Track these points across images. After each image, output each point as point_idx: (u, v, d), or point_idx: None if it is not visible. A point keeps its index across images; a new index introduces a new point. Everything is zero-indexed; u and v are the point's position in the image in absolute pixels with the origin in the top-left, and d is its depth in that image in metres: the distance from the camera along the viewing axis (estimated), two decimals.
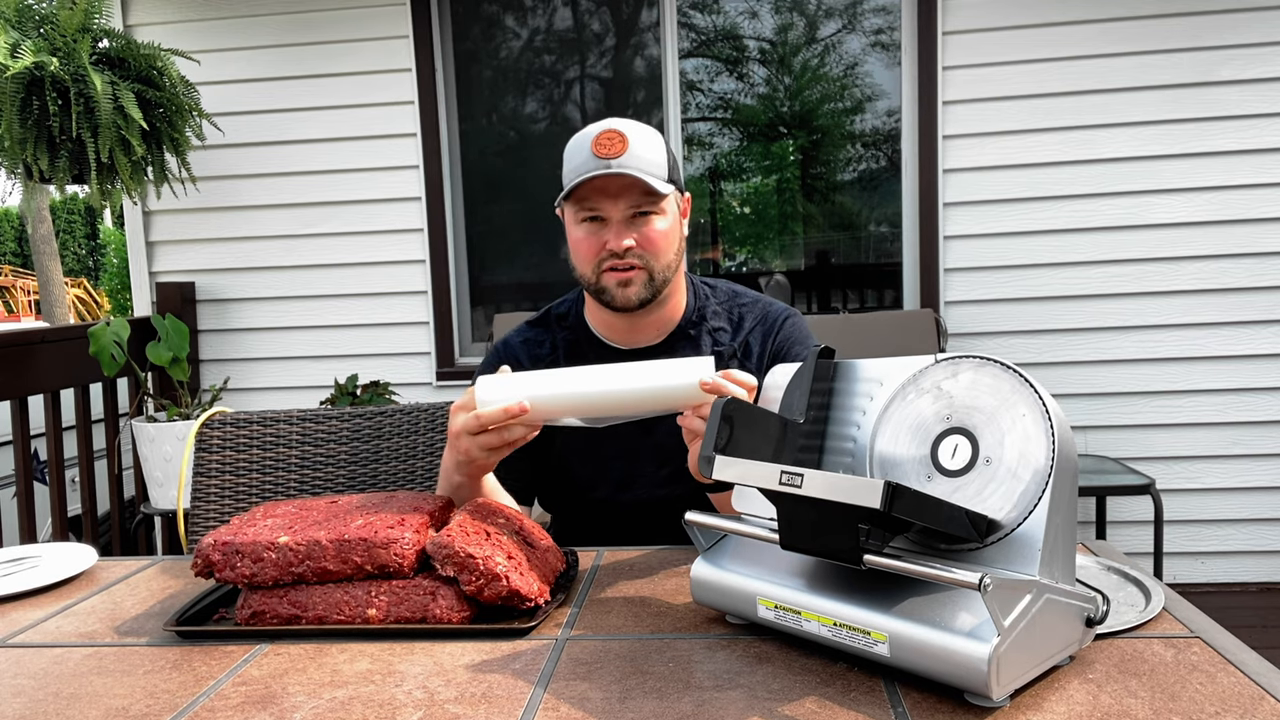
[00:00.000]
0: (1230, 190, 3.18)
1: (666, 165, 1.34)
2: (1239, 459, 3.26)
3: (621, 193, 1.31)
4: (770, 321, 1.46)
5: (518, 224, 3.64)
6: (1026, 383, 0.87)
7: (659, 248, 1.35)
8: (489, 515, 1.11)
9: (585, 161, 1.31)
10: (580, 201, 1.33)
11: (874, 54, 3.45)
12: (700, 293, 1.49)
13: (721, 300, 1.49)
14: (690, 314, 1.46)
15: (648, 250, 1.34)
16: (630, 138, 1.31)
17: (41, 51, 2.69)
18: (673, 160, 1.37)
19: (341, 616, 1.03)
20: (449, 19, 3.52)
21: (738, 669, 0.90)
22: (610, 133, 1.31)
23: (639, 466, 1.45)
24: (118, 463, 3.20)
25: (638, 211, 1.33)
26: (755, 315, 1.47)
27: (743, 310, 1.48)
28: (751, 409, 0.96)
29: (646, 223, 1.34)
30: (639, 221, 1.34)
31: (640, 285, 1.35)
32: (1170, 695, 0.81)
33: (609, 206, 1.33)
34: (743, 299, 1.50)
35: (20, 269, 16.49)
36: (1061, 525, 0.85)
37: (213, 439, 1.73)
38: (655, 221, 1.34)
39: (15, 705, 0.89)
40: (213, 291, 3.57)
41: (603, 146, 1.30)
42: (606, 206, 1.33)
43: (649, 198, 1.32)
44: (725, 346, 1.45)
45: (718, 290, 1.51)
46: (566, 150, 1.36)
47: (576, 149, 1.34)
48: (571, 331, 1.48)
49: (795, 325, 1.47)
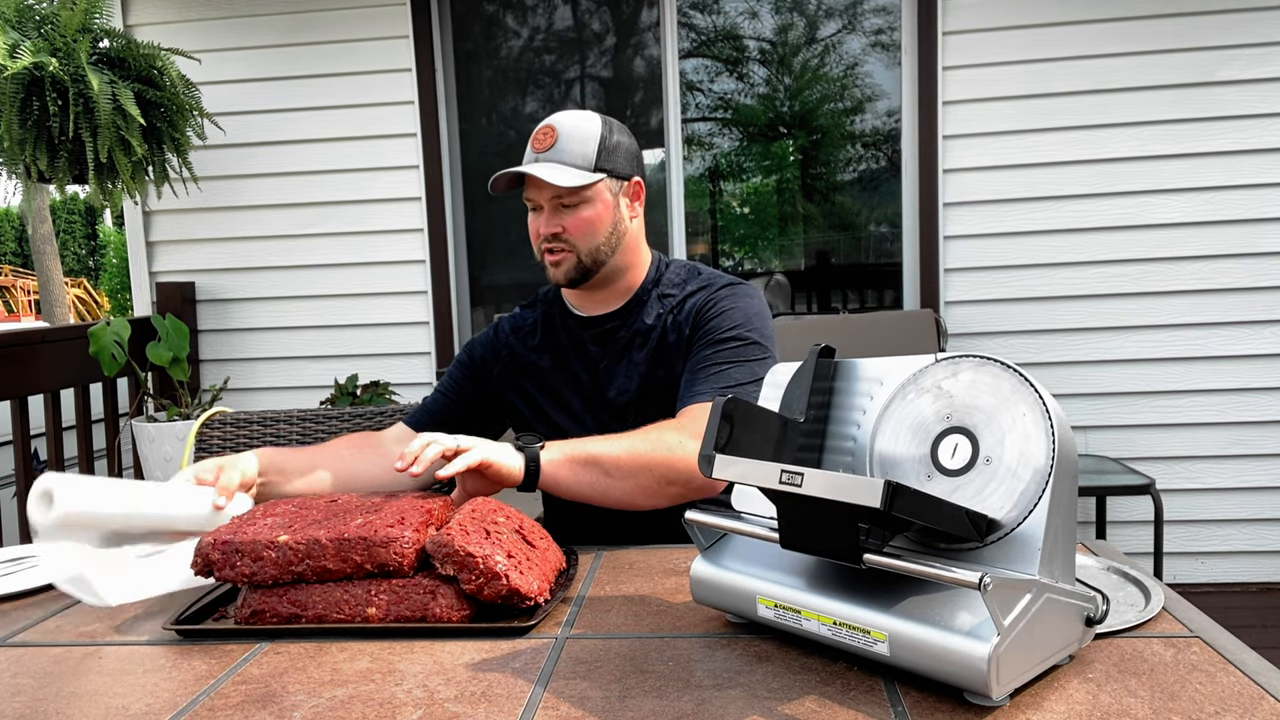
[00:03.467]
0: (1230, 190, 3.18)
1: (594, 155, 1.46)
2: (1239, 459, 3.25)
3: (545, 185, 1.44)
4: (712, 286, 1.53)
5: (518, 224, 3.64)
6: (1026, 382, 0.87)
7: (584, 233, 1.47)
8: (489, 514, 1.11)
9: (525, 154, 1.48)
10: (525, 191, 1.49)
11: (874, 54, 3.45)
12: (660, 265, 1.60)
13: (677, 271, 1.59)
14: (648, 283, 1.57)
15: (574, 236, 1.47)
16: (560, 130, 1.45)
17: (41, 52, 2.69)
18: (609, 147, 1.47)
19: (341, 615, 1.03)
20: (449, 19, 3.52)
21: (737, 668, 0.90)
22: (546, 128, 1.46)
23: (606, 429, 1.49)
24: (118, 463, 3.20)
25: (562, 201, 1.45)
26: (702, 281, 1.55)
27: (692, 277, 1.57)
28: (751, 407, 0.96)
29: (573, 211, 1.46)
30: (565, 211, 1.46)
31: (568, 266, 1.48)
32: (1170, 695, 0.81)
33: (537, 196, 1.47)
34: (698, 270, 1.59)
35: (20, 269, 16.49)
36: (1061, 525, 0.85)
37: (213, 439, 1.73)
38: (581, 210, 1.46)
39: (15, 704, 0.89)
40: (213, 291, 3.57)
41: (537, 141, 1.46)
42: (536, 196, 1.47)
43: (569, 190, 1.44)
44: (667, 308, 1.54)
45: (675, 264, 1.61)
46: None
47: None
48: (549, 305, 1.62)
49: (734, 289, 1.52)
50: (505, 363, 1.60)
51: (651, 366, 1.50)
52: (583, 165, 1.44)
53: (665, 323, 1.52)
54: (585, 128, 1.46)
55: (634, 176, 1.53)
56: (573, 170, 1.43)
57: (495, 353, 1.61)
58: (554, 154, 1.44)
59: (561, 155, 1.44)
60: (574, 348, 1.57)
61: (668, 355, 1.50)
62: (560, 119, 1.47)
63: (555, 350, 1.58)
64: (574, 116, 1.47)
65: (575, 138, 1.45)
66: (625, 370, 1.52)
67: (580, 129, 1.46)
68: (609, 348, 1.54)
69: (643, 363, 1.51)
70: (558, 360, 1.57)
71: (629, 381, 1.51)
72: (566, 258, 1.48)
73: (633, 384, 1.50)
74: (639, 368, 1.51)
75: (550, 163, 1.44)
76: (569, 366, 1.56)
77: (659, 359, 1.50)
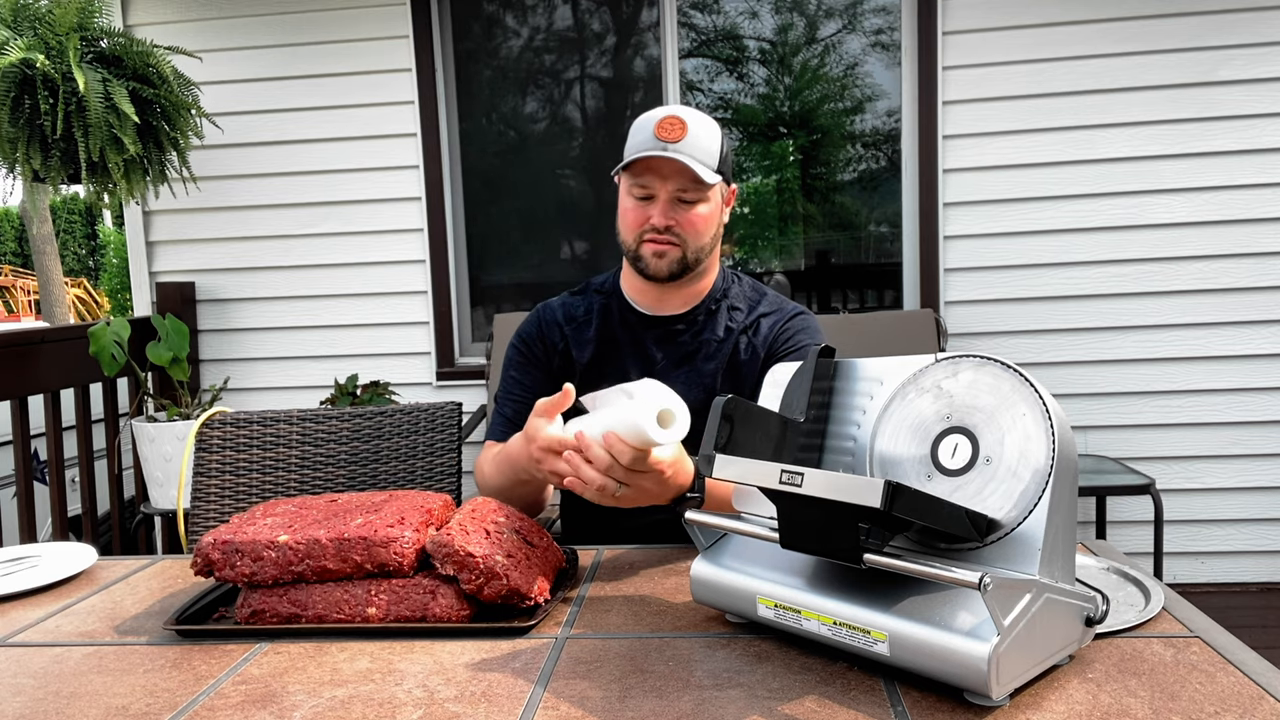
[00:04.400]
0: (1230, 190, 3.18)
1: (719, 156, 1.44)
2: (1239, 459, 3.26)
3: (672, 175, 1.41)
4: (784, 311, 1.56)
5: (518, 224, 3.64)
6: (1026, 382, 0.87)
7: (697, 230, 1.45)
8: (488, 514, 1.11)
9: (646, 140, 1.42)
10: (636, 176, 1.44)
11: (874, 54, 3.44)
12: (728, 277, 1.60)
13: (745, 288, 1.60)
14: (715, 293, 1.56)
15: (686, 231, 1.45)
16: (690, 125, 1.41)
17: (32, 49, 2.68)
18: (726, 153, 1.47)
19: (341, 615, 1.03)
20: (449, 19, 3.52)
21: (737, 668, 0.90)
22: (673, 118, 1.42)
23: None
24: (118, 463, 3.20)
25: (683, 195, 1.43)
26: (771, 304, 1.57)
27: (760, 298, 1.58)
28: (751, 407, 0.96)
29: (690, 207, 1.44)
30: (683, 204, 1.44)
31: (673, 260, 1.46)
32: (1170, 695, 0.81)
33: (659, 185, 1.43)
34: (764, 291, 1.60)
35: (20, 269, 16.47)
36: (1061, 525, 0.85)
37: (213, 439, 1.73)
38: (698, 207, 1.44)
39: (15, 704, 0.89)
40: (213, 291, 3.57)
41: (665, 130, 1.41)
42: (657, 185, 1.43)
43: (696, 185, 1.42)
44: (738, 325, 1.54)
45: (743, 281, 1.61)
46: (632, 127, 1.47)
47: (640, 127, 1.44)
48: (606, 296, 1.58)
49: (806, 320, 1.56)
50: (563, 353, 1.55)
51: (722, 381, 1.49)
52: (710, 164, 1.42)
53: (739, 341, 1.51)
54: (710, 127, 1.44)
55: (733, 184, 1.54)
56: (704, 167, 1.41)
57: (552, 343, 1.55)
58: (687, 146, 1.40)
59: (694, 150, 1.40)
60: (631, 344, 1.53)
61: (739, 374, 1.49)
62: (685, 113, 1.43)
63: (608, 343, 1.53)
64: (694, 114, 1.44)
65: (704, 135, 1.42)
66: (686, 378, 1.49)
67: (707, 127, 1.44)
68: (671, 351, 1.52)
69: (711, 375, 1.49)
70: (606, 354, 1.53)
71: (689, 390, 1.47)
72: (673, 250, 1.45)
73: (693, 394, 1.46)
74: (706, 379, 1.49)
75: (684, 154, 1.40)
76: (621, 364, 1.52)
77: (731, 375, 1.49)
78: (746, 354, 1.50)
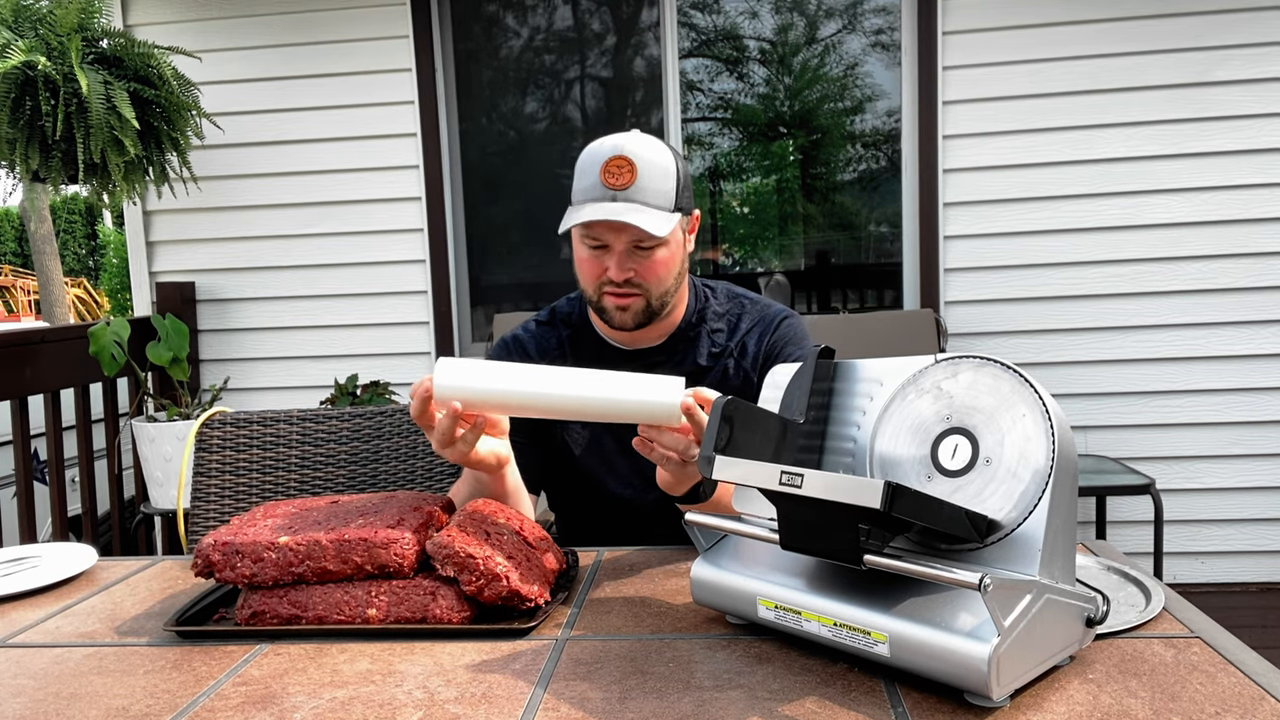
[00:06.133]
0: (1229, 190, 3.18)
1: (675, 193, 1.34)
2: (1239, 459, 3.26)
3: (624, 227, 1.32)
4: (767, 322, 1.48)
5: (518, 224, 3.64)
6: (1026, 383, 0.87)
7: (659, 276, 1.36)
8: (489, 515, 1.11)
9: (592, 188, 1.31)
10: (586, 228, 1.34)
11: (874, 54, 3.44)
12: (700, 294, 1.51)
13: (721, 302, 1.51)
14: (690, 316, 1.48)
15: (648, 280, 1.36)
16: (640, 165, 1.30)
17: (33, 51, 2.68)
18: (683, 182, 1.36)
19: (341, 616, 1.03)
20: (449, 19, 3.51)
21: (738, 669, 0.90)
22: (620, 160, 1.30)
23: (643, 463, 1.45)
24: (118, 463, 3.20)
25: (639, 244, 1.34)
26: (753, 316, 1.49)
27: (741, 311, 1.50)
28: (751, 409, 0.96)
29: (649, 253, 1.35)
30: (640, 254, 1.35)
31: (637, 310, 1.38)
32: (1170, 695, 0.81)
33: (612, 237, 1.33)
34: (742, 300, 1.52)
35: (20, 269, 16.47)
36: (1061, 525, 0.85)
37: (213, 439, 1.73)
38: (657, 252, 1.35)
39: (15, 705, 0.89)
40: (213, 291, 3.57)
41: (611, 175, 1.30)
42: (610, 237, 1.33)
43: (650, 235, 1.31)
44: (721, 347, 1.47)
45: (717, 292, 1.52)
46: (578, 164, 1.35)
47: (586, 168, 1.33)
48: (575, 330, 1.50)
49: (791, 326, 1.49)
50: None
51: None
52: (664, 205, 1.32)
53: (726, 365, 1.45)
54: (663, 163, 1.33)
55: (695, 210, 1.44)
56: (657, 213, 1.31)
57: None
58: (636, 193, 1.30)
59: (644, 195, 1.30)
60: None
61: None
62: (634, 150, 1.31)
63: None
64: (647, 148, 1.32)
65: (655, 174, 1.31)
66: None
67: (658, 165, 1.32)
68: None
69: None
70: None
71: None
72: (636, 301, 1.37)
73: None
74: None
75: (633, 203, 1.29)
76: None
77: None
78: (737, 378, 1.45)
